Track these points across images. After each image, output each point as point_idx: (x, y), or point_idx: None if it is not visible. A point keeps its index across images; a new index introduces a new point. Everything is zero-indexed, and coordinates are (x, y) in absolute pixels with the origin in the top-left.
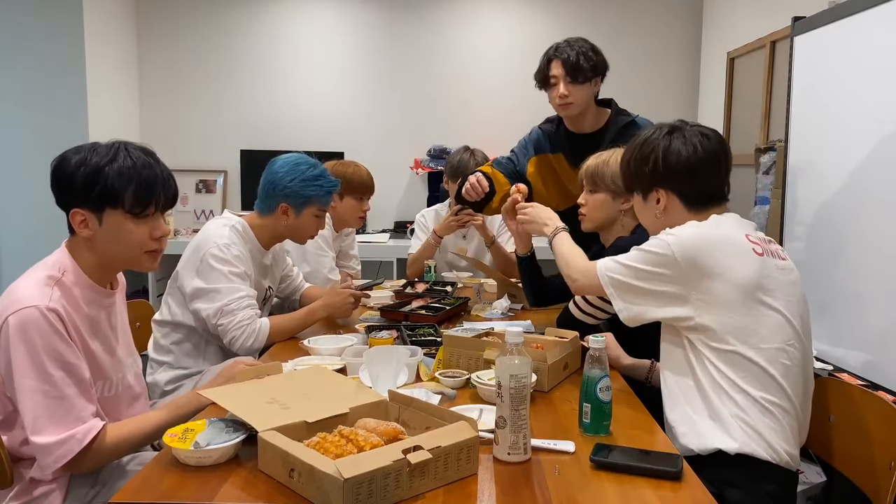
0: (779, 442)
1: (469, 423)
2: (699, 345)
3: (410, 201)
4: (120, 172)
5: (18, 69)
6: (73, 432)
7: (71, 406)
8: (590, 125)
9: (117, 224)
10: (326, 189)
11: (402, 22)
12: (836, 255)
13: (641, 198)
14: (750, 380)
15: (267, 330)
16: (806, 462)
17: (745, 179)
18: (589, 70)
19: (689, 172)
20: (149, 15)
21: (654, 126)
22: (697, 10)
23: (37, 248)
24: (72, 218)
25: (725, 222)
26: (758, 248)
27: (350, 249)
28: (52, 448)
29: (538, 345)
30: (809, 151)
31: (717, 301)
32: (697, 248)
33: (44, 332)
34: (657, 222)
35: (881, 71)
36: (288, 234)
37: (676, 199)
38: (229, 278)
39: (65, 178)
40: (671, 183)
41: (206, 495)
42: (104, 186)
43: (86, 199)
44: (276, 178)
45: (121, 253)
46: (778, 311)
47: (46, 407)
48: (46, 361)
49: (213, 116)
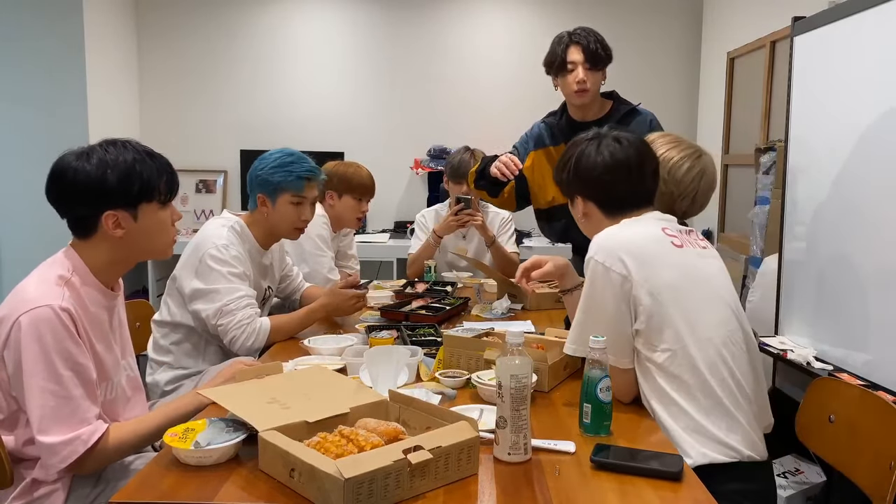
0: (736, 439)
1: (469, 424)
2: (643, 351)
3: (410, 201)
4: (149, 166)
5: (18, 69)
6: (78, 433)
7: (77, 407)
8: (593, 114)
9: (151, 215)
10: (297, 174)
11: (402, 22)
12: (836, 255)
13: (570, 202)
14: (693, 381)
15: (267, 329)
16: (806, 462)
17: (745, 179)
18: (605, 57)
19: (598, 180)
20: (149, 15)
21: (584, 133)
22: (697, 10)
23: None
24: (105, 221)
25: (642, 222)
26: (676, 241)
27: (349, 249)
28: (57, 448)
29: (538, 345)
30: (809, 151)
31: (650, 298)
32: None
33: (56, 331)
34: (583, 226)
35: (881, 71)
36: (273, 227)
37: (593, 205)
38: (228, 279)
39: (92, 182)
40: (584, 190)
41: (207, 495)
42: (142, 182)
43: (122, 199)
44: (252, 171)
45: (154, 242)
46: (712, 300)
47: (53, 407)
48: (57, 361)
49: (213, 116)
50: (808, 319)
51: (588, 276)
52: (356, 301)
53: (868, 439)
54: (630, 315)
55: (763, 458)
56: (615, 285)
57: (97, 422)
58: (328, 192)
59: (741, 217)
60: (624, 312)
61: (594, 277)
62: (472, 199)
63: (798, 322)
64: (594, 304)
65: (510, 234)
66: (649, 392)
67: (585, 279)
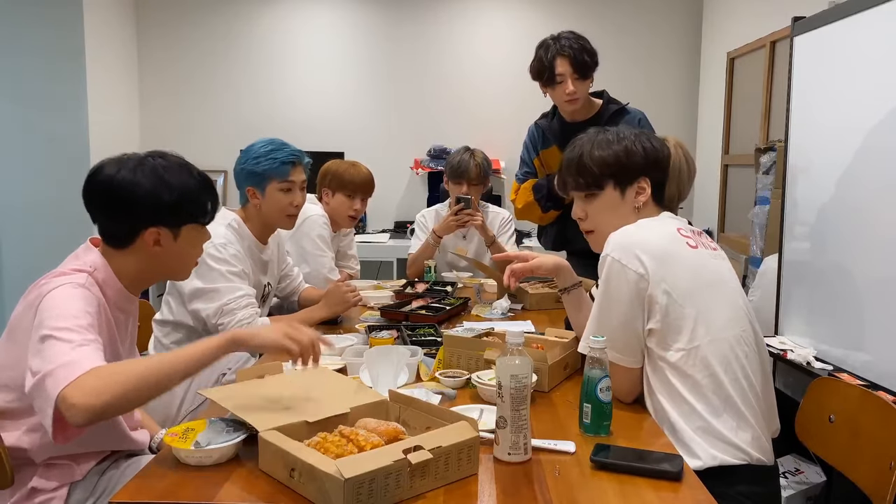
0: (745, 440)
1: (469, 424)
2: (656, 350)
3: (410, 201)
4: (201, 186)
5: (18, 69)
6: (73, 359)
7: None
8: (583, 114)
9: (192, 236)
10: (280, 160)
11: (402, 22)
12: (836, 255)
13: (619, 190)
14: (706, 382)
15: None
16: (806, 462)
17: (745, 179)
18: (592, 65)
19: (667, 171)
20: (149, 15)
21: (620, 127)
22: (697, 10)
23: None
24: (146, 237)
25: (658, 221)
26: (691, 241)
27: (348, 249)
28: (54, 374)
29: (538, 345)
30: (809, 151)
31: (666, 297)
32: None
33: (87, 297)
34: (606, 219)
35: (881, 71)
36: (267, 218)
37: (648, 193)
38: (227, 277)
39: (145, 198)
40: (654, 175)
41: (207, 495)
42: (193, 204)
43: (171, 217)
44: (238, 164)
45: (185, 263)
46: (726, 300)
47: (57, 348)
48: (80, 314)
49: (213, 116)
50: (808, 319)
51: (604, 273)
52: (351, 293)
53: (868, 439)
54: (643, 313)
55: (771, 463)
56: (631, 283)
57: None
58: (323, 189)
59: (741, 217)
60: (637, 310)
61: (610, 274)
62: (471, 199)
63: (798, 322)
64: (609, 300)
65: (510, 235)
66: (660, 391)
67: (601, 276)
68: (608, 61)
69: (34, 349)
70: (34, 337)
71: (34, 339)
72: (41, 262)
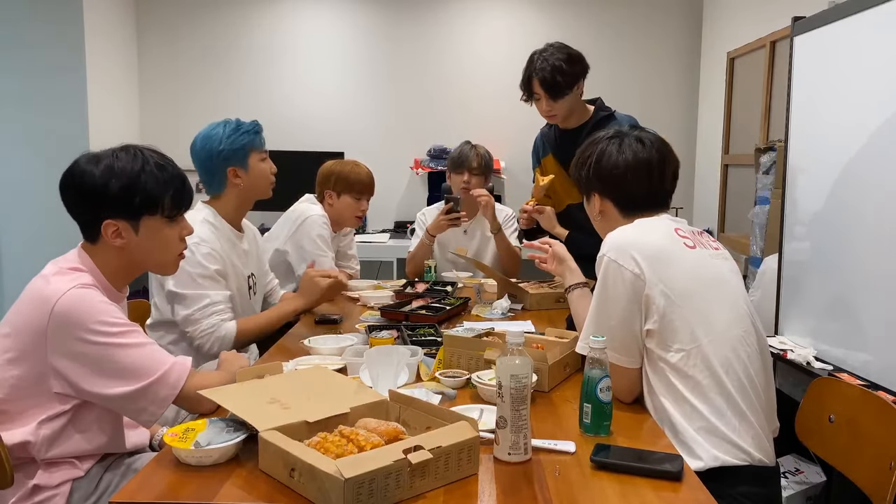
0: (747, 440)
1: (470, 424)
2: (656, 350)
3: (410, 201)
4: (156, 178)
5: (18, 69)
6: (174, 360)
7: (154, 349)
8: (575, 122)
9: (154, 230)
10: (252, 131)
11: (402, 22)
12: (836, 255)
13: (585, 199)
14: (707, 382)
15: (233, 335)
16: (806, 462)
17: (745, 179)
18: (565, 86)
19: (619, 179)
20: (149, 14)
21: (604, 131)
22: (697, 10)
23: (37, 247)
24: (104, 229)
25: (655, 222)
26: (689, 242)
27: (348, 249)
28: (169, 373)
29: (538, 345)
30: (809, 151)
31: (664, 298)
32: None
33: (94, 299)
34: (597, 224)
35: (881, 71)
36: (249, 194)
37: (610, 204)
38: (197, 282)
39: (95, 189)
40: (603, 188)
41: (207, 495)
42: (144, 194)
43: (123, 209)
44: (207, 153)
45: (155, 258)
46: (726, 301)
47: (140, 354)
48: (112, 325)
49: (212, 116)
50: (807, 319)
51: (600, 273)
52: (323, 277)
53: (868, 439)
54: (640, 314)
55: (772, 464)
56: (627, 282)
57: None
58: (326, 191)
59: (741, 217)
60: (634, 310)
61: (606, 274)
62: (460, 198)
63: (798, 322)
64: (606, 301)
65: (513, 230)
66: (661, 391)
67: (598, 277)
68: (608, 61)
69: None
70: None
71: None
72: (41, 261)
